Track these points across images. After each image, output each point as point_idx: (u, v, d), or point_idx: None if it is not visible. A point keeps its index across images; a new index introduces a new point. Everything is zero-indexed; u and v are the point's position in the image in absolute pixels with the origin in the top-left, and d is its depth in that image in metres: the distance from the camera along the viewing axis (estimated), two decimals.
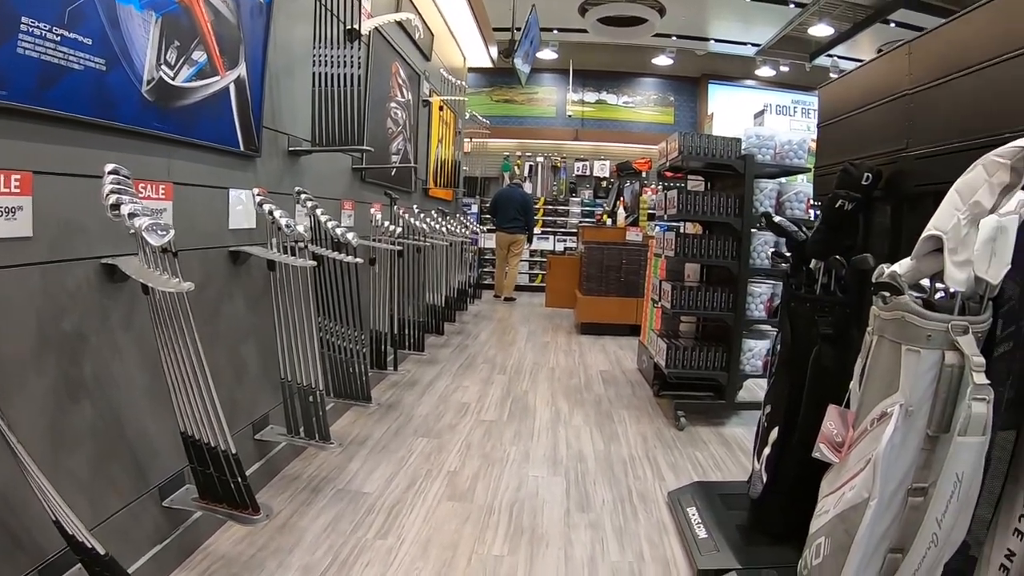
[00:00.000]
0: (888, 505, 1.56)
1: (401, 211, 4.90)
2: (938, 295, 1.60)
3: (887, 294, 1.61)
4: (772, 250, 3.96)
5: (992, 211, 1.46)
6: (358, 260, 3.14)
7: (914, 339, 1.52)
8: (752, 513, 2.63)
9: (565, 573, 2.42)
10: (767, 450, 2.48)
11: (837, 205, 2.26)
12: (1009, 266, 1.44)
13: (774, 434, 2.46)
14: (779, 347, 2.54)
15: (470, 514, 2.83)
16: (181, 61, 2.23)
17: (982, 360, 1.45)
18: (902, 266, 1.60)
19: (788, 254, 2.66)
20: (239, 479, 2.15)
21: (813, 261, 2.45)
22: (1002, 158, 1.45)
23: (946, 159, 1.94)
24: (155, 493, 2.22)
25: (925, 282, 1.62)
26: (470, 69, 9.78)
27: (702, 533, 2.59)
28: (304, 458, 3.31)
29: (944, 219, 1.51)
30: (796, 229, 2.65)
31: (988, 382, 1.42)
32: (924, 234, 1.54)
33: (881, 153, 2.34)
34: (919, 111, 2.17)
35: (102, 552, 1.62)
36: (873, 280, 1.67)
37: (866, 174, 2.20)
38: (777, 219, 2.76)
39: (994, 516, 1.63)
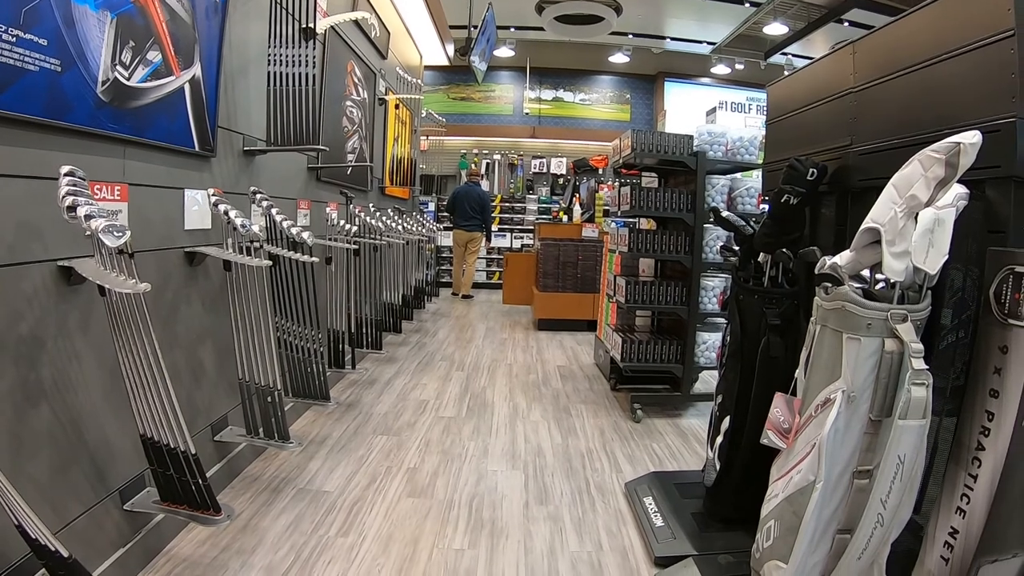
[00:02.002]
0: (834, 487, 1.63)
1: (357, 210, 4.89)
2: (879, 285, 1.68)
3: (829, 285, 1.69)
4: (721, 244, 4.06)
5: (928, 204, 1.54)
6: (314, 259, 3.13)
7: (855, 327, 1.59)
8: (707, 501, 2.70)
9: (525, 564, 2.45)
10: (719, 439, 2.55)
11: (783, 200, 2.32)
12: (947, 256, 1.52)
13: (726, 423, 2.52)
14: (728, 339, 2.61)
15: (430, 509, 2.86)
16: (136, 61, 2.21)
17: (920, 347, 1.52)
18: (842, 258, 1.67)
19: (736, 248, 2.74)
20: (200, 480, 2.14)
21: (761, 254, 2.52)
22: (937, 153, 1.52)
23: (888, 155, 2.02)
24: (116, 497, 2.19)
25: (866, 273, 1.69)
26: (427, 67, 9.74)
27: (659, 522, 2.66)
28: (264, 458, 3.30)
29: (881, 212, 1.58)
30: (744, 223, 2.73)
31: (927, 367, 1.49)
32: (862, 227, 1.61)
33: (827, 149, 2.41)
34: (863, 109, 2.25)
35: (66, 555, 1.61)
36: (815, 272, 1.74)
37: (811, 169, 2.26)
38: (725, 214, 2.83)
39: (938, 496, 1.72)
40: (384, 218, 5.49)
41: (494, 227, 11.05)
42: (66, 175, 1.81)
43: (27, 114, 1.76)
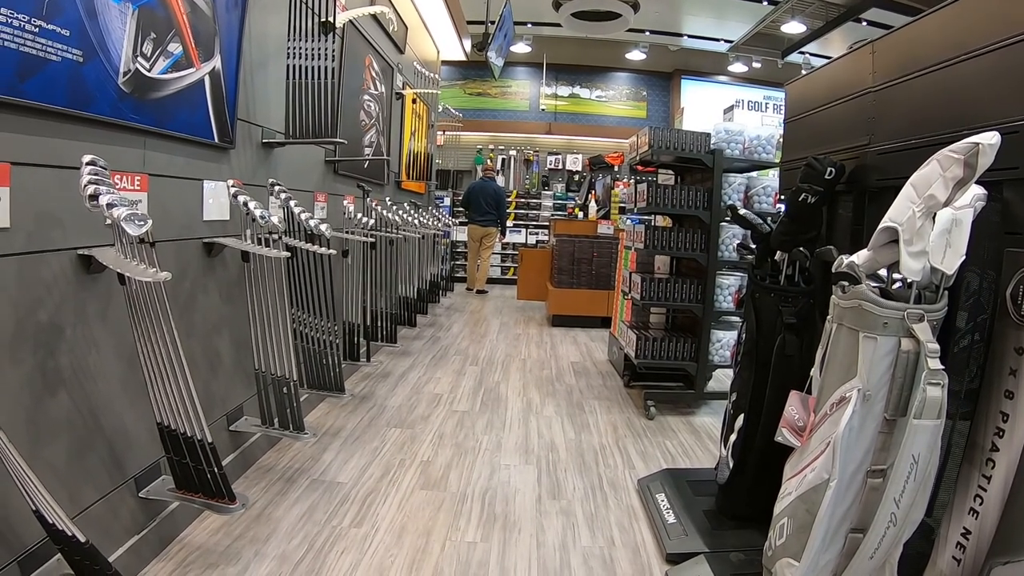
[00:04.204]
0: (848, 486, 1.63)
1: (374, 203, 4.91)
2: (896, 285, 1.67)
3: (846, 283, 1.68)
4: (737, 242, 4.05)
5: (946, 204, 1.53)
6: (331, 252, 3.15)
7: (871, 326, 1.59)
8: (719, 498, 2.70)
9: (537, 558, 2.47)
10: (733, 436, 2.55)
11: (801, 198, 2.32)
12: (964, 257, 1.51)
13: (740, 421, 2.52)
14: (744, 337, 2.61)
15: (443, 502, 2.87)
16: (157, 53, 2.23)
17: (937, 346, 1.51)
18: (860, 257, 1.67)
19: (753, 246, 2.73)
20: (215, 468, 2.16)
21: (778, 253, 2.51)
22: (956, 153, 1.51)
23: (907, 154, 2.00)
24: (131, 484, 2.22)
25: (883, 272, 1.69)
26: (444, 62, 9.77)
27: (671, 518, 2.66)
28: (278, 449, 3.33)
29: (900, 211, 1.57)
30: (761, 221, 2.72)
31: (943, 367, 1.49)
32: (880, 226, 1.61)
33: (845, 148, 2.40)
34: (881, 108, 2.23)
35: (82, 540, 1.63)
36: (832, 270, 1.74)
37: (829, 168, 2.26)
38: (743, 211, 2.83)
39: (951, 497, 1.71)
40: (400, 212, 5.50)
41: (509, 223, 11.05)
42: (88, 164, 1.84)
43: (50, 104, 1.78)
